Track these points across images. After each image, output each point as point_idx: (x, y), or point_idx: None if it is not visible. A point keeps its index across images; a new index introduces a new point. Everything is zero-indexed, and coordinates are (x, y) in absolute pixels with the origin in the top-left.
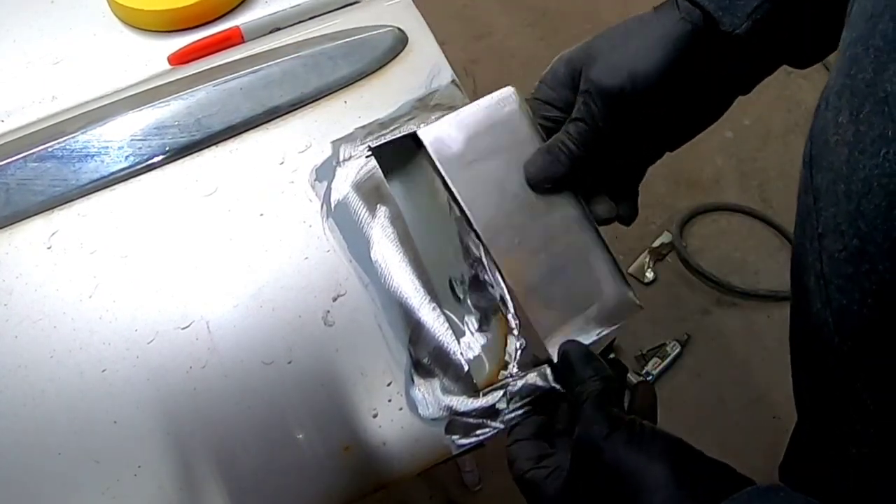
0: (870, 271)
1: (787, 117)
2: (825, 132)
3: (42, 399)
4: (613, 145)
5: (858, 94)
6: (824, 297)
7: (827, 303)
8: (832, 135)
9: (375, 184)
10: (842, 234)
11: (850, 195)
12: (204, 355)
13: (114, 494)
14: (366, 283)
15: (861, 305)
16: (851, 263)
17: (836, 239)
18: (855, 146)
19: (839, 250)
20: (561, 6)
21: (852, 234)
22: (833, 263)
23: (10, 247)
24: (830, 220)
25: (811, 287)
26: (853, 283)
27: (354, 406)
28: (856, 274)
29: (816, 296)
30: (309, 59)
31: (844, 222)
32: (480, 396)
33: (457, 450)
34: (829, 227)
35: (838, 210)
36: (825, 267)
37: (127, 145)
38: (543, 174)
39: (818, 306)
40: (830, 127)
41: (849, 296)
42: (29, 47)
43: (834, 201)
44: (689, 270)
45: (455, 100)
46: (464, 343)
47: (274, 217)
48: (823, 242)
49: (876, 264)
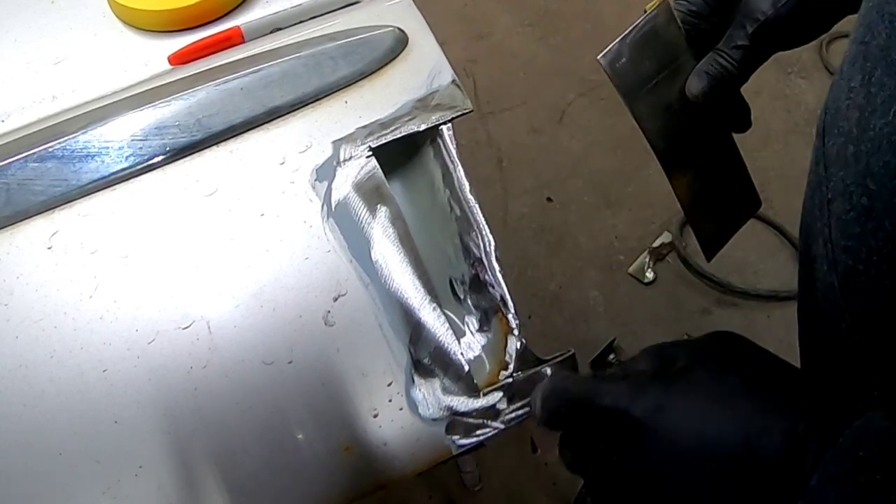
0: (876, 229)
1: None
2: (838, 100)
3: (42, 399)
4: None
5: (871, 58)
6: (831, 260)
7: (833, 265)
8: (844, 101)
9: (376, 184)
10: (850, 195)
11: (860, 156)
12: (205, 355)
13: (114, 494)
14: (366, 283)
15: (867, 265)
16: (858, 223)
17: (845, 201)
18: (865, 108)
19: (847, 211)
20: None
21: (860, 194)
22: (840, 225)
23: (11, 247)
24: (839, 183)
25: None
26: (860, 242)
27: (355, 406)
28: (862, 233)
29: (823, 260)
30: (309, 59)
31: (853, 183)
32: (481, 396)
33: (457, 450)
34: (838, 190)
35: (847, 172)
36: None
37: (127, 145)
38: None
39: (824, 270)
40: (843, 94)
41: (855, 255)
42: (29, 47)
43: (843, 164)
44: (689, 270)
45: (455, 100)
46: (464, 343)
47: (274, 217)
48: (832, 207)
49: (882, 221)
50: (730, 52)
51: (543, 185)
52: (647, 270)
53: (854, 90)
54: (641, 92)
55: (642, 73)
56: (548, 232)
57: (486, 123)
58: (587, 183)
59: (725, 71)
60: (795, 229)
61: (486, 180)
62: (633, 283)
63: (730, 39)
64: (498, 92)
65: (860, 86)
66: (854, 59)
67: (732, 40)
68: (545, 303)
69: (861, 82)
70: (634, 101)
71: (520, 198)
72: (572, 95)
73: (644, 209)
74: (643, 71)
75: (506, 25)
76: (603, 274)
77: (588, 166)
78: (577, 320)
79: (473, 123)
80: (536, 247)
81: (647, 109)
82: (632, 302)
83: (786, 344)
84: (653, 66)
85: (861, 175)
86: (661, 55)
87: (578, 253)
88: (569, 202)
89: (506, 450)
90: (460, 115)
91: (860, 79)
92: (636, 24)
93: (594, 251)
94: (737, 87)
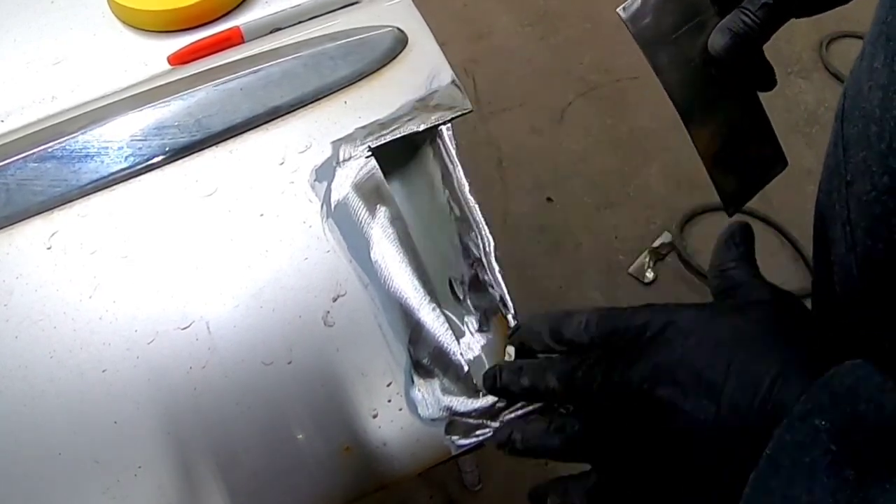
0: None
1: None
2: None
3: (42, 399)
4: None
5: (893, 38)
6: (850, 242)
7: (852, 247)
8: (866, 82)
9: (375, 184)
10: (871, 175)
11: (882, 135)
12: (204, 355)
13: (114, 495)
14: (366, 283)
15: (887, 243)
16: (880, 203)
17: (866, 181)
18: (889, 87)
19: (867, 191)
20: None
21: (882, 173)
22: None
23: (11, 247)
24: (860, 164)
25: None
26: (881, 222)
27: (354, 406)
28: (884, 213)
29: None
30: (309, 59)
31: (875, 163)
32: (480, 397)
33: (457, 450)
34: (859, 171)
35: (869, 153)
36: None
37: (127, 146)
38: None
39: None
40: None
41: (875, 235)
42: (29, 47)
43: (865, 145)
44: (689, 270)
45: (455, 100)
46: (464, 343)
47: (274, 217)
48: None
49: None
50: (754, 11)
51: (543, 185)
52: (647, 270)
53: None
54: (662, 45)
55: (663, 26)
56: (548, 232)
57: (486, 123)
58: (587, 183)
59: (749, 29)
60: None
61: (486, 180)
62: (633, 283)
63: None
64: (498, 92)
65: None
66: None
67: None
68: (545, 303)
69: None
70: (654, 53)
71: (520, 198)
72: (572, 95)
73: (644, 209)
74: (664, 24)
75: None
76: (603, 274)
77: (588, 166)
78: None
79: (473, 123)
80: (536, 247)
81: (667, 61)
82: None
83: None
84: (674, 20)
85: (883, 154)
86: (684, 10)
87: (578, 253)
88: (569, 202)
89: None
90: (460, 115)
91: (882, 58)
92: None
93: (594, 251)
94: (759, 45)
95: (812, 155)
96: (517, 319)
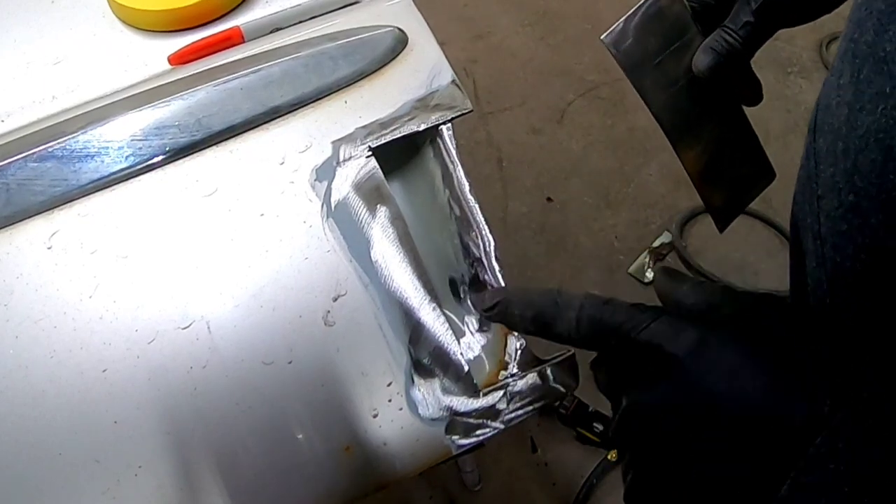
0: (863, 225)
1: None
2: (828, 96)
3: (42, 399)
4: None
5: (860, 55)
6: (820, 257)
7: (822, 262)
8: (834, 98)
9: (375, 184)
10: (839, 192)
11: (848, 152)
12: (204, 355)
13: (114, 495)
14: (366, 283)
15: (854, 261)
16: (846, 220)
17: (834, 197)
18: (854, 105)
19: (835, 208)
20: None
21: (848, 190)
22: (829, 222)
23: (11, 247)
24: (829, 179)
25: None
26: (847, 239)
27: (355, 406)
28: (850, 230)
29: (813, 256)
30: (309, 59)
31: (842, 179)
32: (481, 397)
33: (457, 450)
34: (828, 186)
35: (836, 169)
36: (822, 227)
37: (127, 145)
38: (713, 71)
39: (813, 265)
40: (833, 91)
41: (842, 252)
42: (29, 47)
43: (832, 161)
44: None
45: (455, 100)
46: (464, 343)
47: (274, 217)
48: (821, 203)
49: (869, 218)
50: (736, 30)
51: (543, 185)
52: (647, 270)
53: (843, 87)
54: (646, 68)
55: (647, 50)
56: (548, 232)
57: (486, 123)
58: (587, 183)
59: (732, 47)
60: None
61: (486, 180)
62: (633, 283)
63: (736, 16)
64: (498, 92)
65: (849, 82)
66: (843, 56)
67: (738, 17)
68: None
69: (850, 79)
70: (639, 76)
71: (520, 198)
72: (572, 95)
73: (644, 209)
74: (648, 48)
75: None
76: (603, 274)
77: (588, 166)
78: None
79: (473, 123)
80: (536, 247)
81: (652, 85)
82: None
83: None
84: (658, 43)
85: (849, 172)
86: (667, 33)
87: (578, 253)
88: (569, 202)
89: (506, 450)
90: (460, 115)
91: (849, 75)
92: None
93: (594, 251)
94: (743, 62)
95: None
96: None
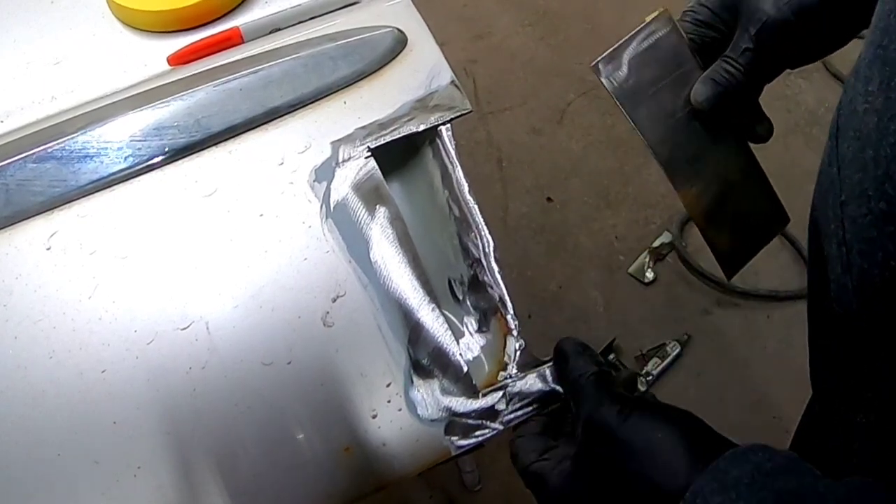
0: (894, 233)
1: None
2: (854, 102)
3: (42, 399)
4: (770, 72)
5: (890, 63)
6: (845, 263)
7: (847, 268)
8: (861, 104)
9: (375, 184)
10: (868, 199)
11: (879, 160)
12: (204, 356)
13: (113, 495)
14: (365, 283)
15: (883, 268)
16: (875, 227)
17: (861, 204)
18: (885, 113)
19: (863, 215)
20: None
21: (878, 198)
22: (856, 228)
23: (10, 247)
24: (856, 186)
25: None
26: (876, 246)
27: (354, 407)
28: (880, 236)
29: (837, 262)
30: (309, 59)
31: (871, 187)
32: (480, 397)
33: (456, 451)
34: (854, 193)
35: (865, 176)
36: (847, 233)
37: (126, 146)
38: (713, 102)
39: (838, 272)
40: (860, 97)
41: (870, 258)
42: (29, 47)
43: (860, 167)
44: (689, 270)
45: (454, 100)
46: (463, 344)
47: (273, 218)
48: (846, 210)
49: None
50: (736, 58)
51: (543, 185)
52: (647, 270)
53: (872, 94)
54: (641, 99)
55: (642, 79)
56: (548, 232)
57: (486, 123)
58: (587, 183)
59: (733, 78)
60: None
61: (486, 180)
62: (633, 283)
63: (736, 45)
64: (498, 92)
65: (878, 90)
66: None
67: (738, 44)
68: (545, 303)
69: (879, 87)
70: (634, 107)
71: (520, 198)
72: (572, 95)
73: (644, 209)
74: (643, 78)
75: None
76: (603, 274)
77: (588, 166)
78: (577, 320)
79: (473, 123)
80: (536, 247)
81: (647, 117)
82: (632, 302)
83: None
84: (654, 73)
85: (880, 180)
86: (664, 63)
87: (578, 253)
88: (569, 202)
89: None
90: (459, 115)
91: (878, 83)
92: (634, 32)
93: (594, 251)
94: (746, 96)
95: (812, 155)
96: (516, 320)
